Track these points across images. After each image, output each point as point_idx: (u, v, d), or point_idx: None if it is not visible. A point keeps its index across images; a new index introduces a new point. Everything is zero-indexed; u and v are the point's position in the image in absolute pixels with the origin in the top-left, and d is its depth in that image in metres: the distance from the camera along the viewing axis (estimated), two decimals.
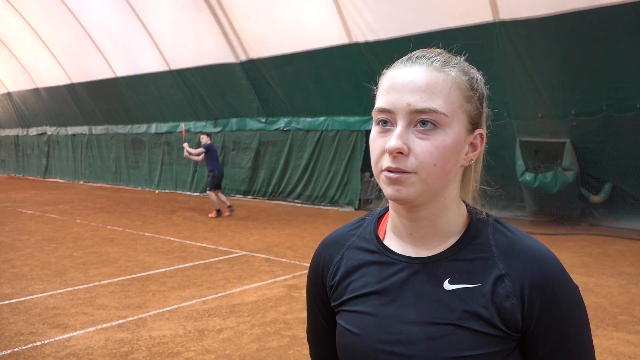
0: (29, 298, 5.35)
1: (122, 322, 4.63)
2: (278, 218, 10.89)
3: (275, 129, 13.65)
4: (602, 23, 8.04)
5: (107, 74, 17.03)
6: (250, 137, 14.22)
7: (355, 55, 11.04)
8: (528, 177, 9.17)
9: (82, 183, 19.85)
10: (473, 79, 0.89)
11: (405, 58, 0.89)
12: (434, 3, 9.44)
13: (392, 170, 0.84)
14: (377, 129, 0.88)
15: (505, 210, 10.11)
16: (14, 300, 5.26)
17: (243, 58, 13.04)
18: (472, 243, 0.89)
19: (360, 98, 11.37)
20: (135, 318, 4.73)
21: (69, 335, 4.30)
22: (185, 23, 13.37)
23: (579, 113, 8.93)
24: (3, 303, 5.17)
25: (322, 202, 12.76)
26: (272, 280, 6.01)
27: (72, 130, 20.55)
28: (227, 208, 10.90)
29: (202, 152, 10.78)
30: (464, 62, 0.91)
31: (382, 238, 0.97)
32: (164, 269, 6.54)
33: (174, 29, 13.84)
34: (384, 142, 0.85)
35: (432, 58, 0.87)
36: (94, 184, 19.20)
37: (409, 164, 0.83)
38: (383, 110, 0.86)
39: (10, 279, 6.06)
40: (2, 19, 18.72)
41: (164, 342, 4.17)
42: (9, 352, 3.96)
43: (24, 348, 4.04)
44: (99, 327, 4.50)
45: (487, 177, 0.99)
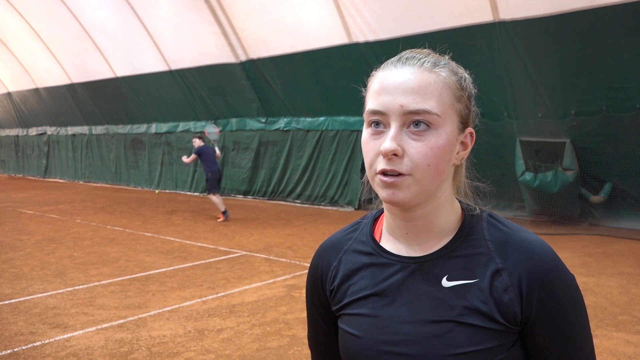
0: (29, 298, 5.35)
1: (122, 322, 4.63)
2: (278, 218, 10.89)
3: (275, 129, 13.65)
4: (602, 23, 8.04)
5: (107, 74, 17.04)
6: (250, 137, 14.22)
7: (355, 55, 11.03)
8: (528, 177, 9.16)
9: (82, 183, 19.86)
10: (462, 79, 0.89)
11: (395, 59, 0.89)
12: (434, 3, 9.44)
13: (387, 173, 0.84)
14: (369, 131, 0.87)
15: (506, 210, 10.10)
16: (14, 300, 5.26)
17: (243, 58, 13.04)
18: (467, 239, 0.90)
19: (360, 98, 11.31)
20: (135, 318, 4.73)
21: (69, 335, 4.30)
22: (185, 23, 13.37)
23: (579, 113, 8.93)
24: (3, 303, 5.17)
25: (322, 202, 12.76)
26: (272, 280, 6.01)
27: (72, 130, 20.56)
28: (221, 213, 10.52)
29: (193, 158, 10.45)
30: (452, 62, 0.92)
31: (378, 240, 0.97)
32: (164, 269, 6.54)
33: (174, 29, 13.84)
34: (378, 144, 0.85)
35: (422, 59, 0.87)
36: (94, 184, 19.21)
37: (404, 166, 0.83)
38: (375, 112, 0.86)
39: (10, 279, 6.06)
40: (2, 19, 18.72)
41: (164, 342, 4.17)
42: (9, 352, 3.96)
43: (24, 348, 4.04)
44: (99, 327, 4.50)
45: (477, 173, 0.99)
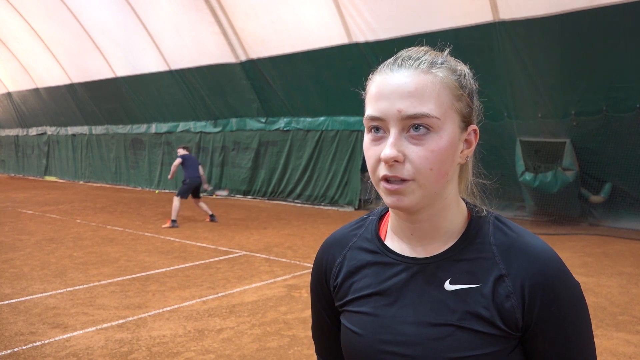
0: (29, 298, 5.35)
1: (122, 322, 4.63)
2: (278, 218, 10.89)
3: (275, 129, 13.65)
4: (602, 23, 8.04)
5: (107, 74, 17.04)
6: (250, 137, 14.22)
7: (355, 55, 11.03)
8: (528, 177, 9.16)
9: (82, 183, 19.85)
10: (461, 76, 0.87)
11: (391, 61, 0.87)
12: (434, 3, 9.44)
13: (389, 180, 0.83)
14: (369, 137, 0.86)
15: (506, 210, 10.10)
16: (14, 300, 5.25)
17: (243, 58, 13.04)
18: (472, 243, 0.89)
19: (360, 98, 11.32)
20: (135, 318, 4.73)
21: (69, 335, 4.30)
22: (185, 23, 13.37)
23: (579, 113, 8.93)
24: (3, 303, 5.17)
25: (322, 202, 12.76)
26: (272, 280, 6.01)
27: (72, 130, 20.56)
28: (208, 216, 10.37)
29: (177, 163, 10.14)
30: (451, 58, 0.89)
31: (383, 238, 0.97)
32: (164, 269, 6.54)
33: (174, 29, 13.84)
34: (379, 150, 0.84)
35: (418, 59, 0.85)
36: (94, 184, 19.20)
37: (406, 171, 0.82)
38: (374, 118, 0.85)
39: (10, 279, 6.05)
40: (2, 19, 18.73)
41: (164, 342, 4.17)
42: (9, 352, 3.96)
43: (24, 348, 4.04)
44: (99, 327, 4.50)
45: (482, 169, 0.97)
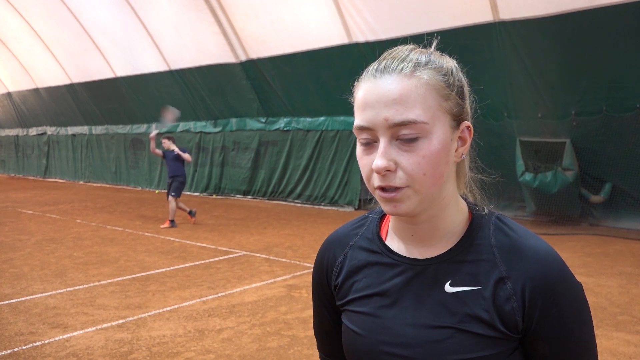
0: (29, 298, 5.35)
1: (122, 322, 4.63)
2: (278, 218, 10.89)
3: (275, 129, 13.65)
4: (602, 23, 8.03)
5: (107, 74, 17.04)
6: (250, 137, 14.22)
7: (355, 55, 11.03)
8: (528, 177, 9.16)
9: (82, 183, 19.85)
10: (447, 75, 0.84)
11: (374, 67, 0.86)
12: (434, 3, 9.44)
13: (384, 189, 0.83)
14: (361, 147, 0.86)
15: (506, 210, 10.10)
16: (14, 300, 5.25)
17: (243, 58, 13.04)
18: (473, 244, 0.88)
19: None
20: (135, 318, 4.73)
21: (69, 335, 4.30)
22: (185, 23, 13.37)
23: (579, 113, 8.93)
24: (3, 303, 5.17)
25: (322, 202, 12.76)
26: (272, 280, 6.00)
27: (72, 130, 20.55)
28: (188, 214, 10.15)
29: (159, 153, 10.06)
30: (437, 54, 0.87)
31: (384, 238, 0.96)
32: (164, 269, 6.54)
33: (174, 29, 13.84)
34: (371, 160, 0.83)
35: (402, 62, 0.83)
36: (94, 184, 19.20)
37: (399, 180, 0.81)
38: (362, 128, 0.84)
39: (10, 279, 6.05)
40: (2, 19, 18.73)
41: (164, 342, 4.17)
42: (9, 352, 3.96)
43: (24, 348, 4.04)
44: (99, 327, 4.50)
45: (480, 163, 0.95)
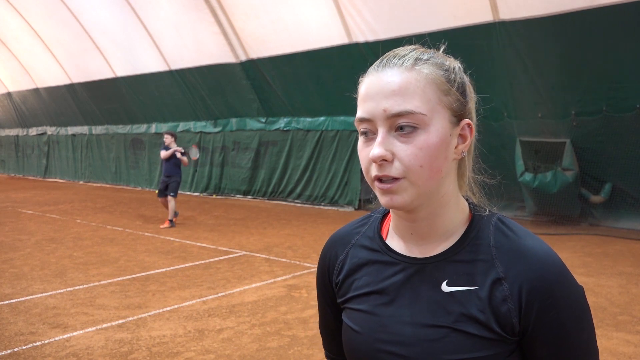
0: (29, 298, 5.35)
1: (122, 322, 4.63)
2: (278, 218, 10.89)
3: (275, 129, 13.65)
4: (602, 23, 8.03)
5: (107, 74, 17.04)
6: (250, 137, 14.22)
7: (355, 55, 11.03)
8: (528, 177, 9.17)
9: (82, 183, 19.85)
10: (449, 71, 0.86)
11: (377, 62, 0.87)
12: (434, 3, 9.44)
13: (381, 179, 0.83)
14: (361, 139, 0.87)
15: (506, 210, 10.10)
16: (14, 300, 5.25)
17: (243, 58, 13.04)
18: (472, 244, 0.88)
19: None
20: (135, 318, 4.73)
21: (69, 335, 4.30)
22: (185, 23, 13.37)
23: (579, 113, 8.93)
24: (3, 303, 5.17)
25: (322, 202, 12.76)
26: (272, 280, 6.01)
27: (72, 130, 20.56)
28: (168, 221, 9.93)
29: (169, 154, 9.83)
30: (440, 53, 0.89)
31: (385, 237, 0.97)
32: (164, 269, 6.54)
33: (174, 29, 13.84)
34: (369, 151, 0.84)
35: (403, 58, 0.85)
36: (94, 184, 19.20)
37: (395, 170, 0.82)
38: (362, 120, 0.86)
39: (10, 279, 6.05)
40: (2, 19, 18.73)
41: (164, 342, 4.17)
42: (9, 352, 3.96)
43: (24, 348, 4.04)
44: (99, 327, 4.50)
45: (482, 164, 0.96)
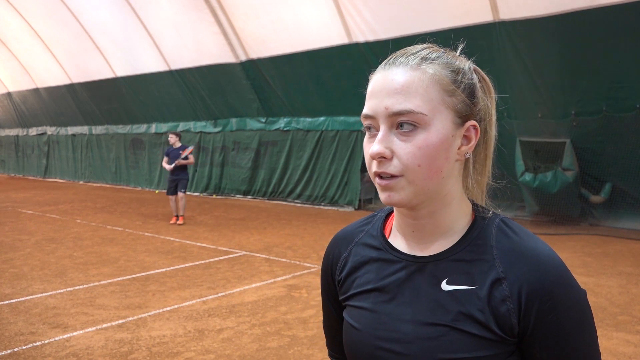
0: (29, 298, 5.35)
1: (122, 322, 4.63)
2: (278, 218, 10.89)
3: (275, 129, 13.65)
4: (602, 23, 8.04)
5: (107, 74, 17.04)
6: (250, 137, 14.22)
7: (355, 55, 11.03)
8: (528, 177, 9.17)
9: (82, 183, 19.85)
10: (456, 72, 0.85)
11: (386, 60, 0.88)
12: (434, 3, 9.44)
13: (380, 176, 0.84)
14: (366, 135, 0.88)
15: (506, 211, 10.09)
16: (14, 300, 5.25)
17: (243, 58, 13.04)
18: (473, 244, 0.88)
19: (360, 98, 11.04)
20: (135, 318, 4.73)
21: (69, 335, 4.30)
22: (185, 23, 13.37)
23: (579, 113, 8.93)
24: (3, 303, 5.17)
25: (322, 202, 12.76)
26: (272, 280, 6.01)
27: (72, 130, 20.56)
28: (175, 217, 10.33)
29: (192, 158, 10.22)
30: (451, 53, 0.88)
31: (388, 235, 0.97)
32: (164, 269, 6.54)
33: (174, 29, 13.84)
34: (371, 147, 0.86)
35: (410, 56, 0.85)
36: (94, 184, 19.20)
37: (393, 168, 0.83)
38: (366, 117, 0.86)
39: (10, 279, 6.05)
40: (2, 19, 18.73)
41: (164, 342, 4.17)
42: (9, 352, 3.96)
43: (24, 348, 4.04)
44: (99, 327, 4.50)
45: (495, 170, 0.96)
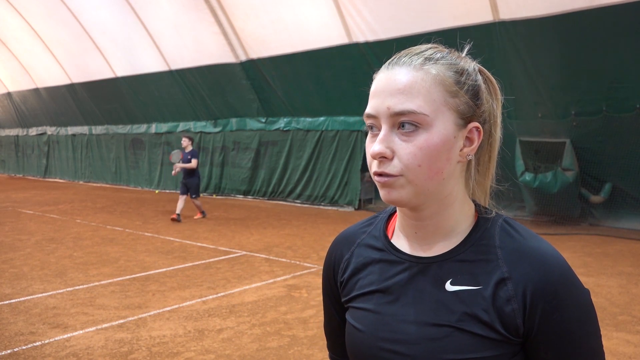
0: (29, 298, 5.35)
1: (122, 322, 4.63)
2: (278, 218, 10.89)
3: (275, 129, 13.65)
4: (602, 23, 8.04)
5: (107, 74, 17.04)
6: (250, 137, 14.22)
7: (355, 55, 11.03)
8: (528, 177, 9.17)
9: (82, 183, 19.85)
10: (459, 73, 0.85)
11: (390, 60, 0.88)
12: (434, 3, 9.45)
13: (379, 174, 0.84)
14: (369, 134, 0.88)
15: (506, 210, 10.01)
16: (14, 300, 5.25)
17: (243, 58, 13.04)
18: (476, 244, 0.88)
19: (360, 98, 11.36)
20: (135, 318, 4.73)
21: (69, 335, 4.30)
22: (185, 23, 13.37)
23: (579, 113, 8.93)
24: (3, 303, 5.17)
25: (322, 202, 12.76)
26: (272, 280, 6.01)
27: (72, 130, 20.56)
28: (176, 214, 10.40)
29: (197, 162, 10.34)
30: (457, 54, 0.88)
31: (390, 236, 0.97)
32: (164, 269, 6.54)
33: (174, 29, 13.84)
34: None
35: (413, 56, 0.85)
36: (94, 184, 19.20)
37: (394, 167, 0.82)
38: (369, 116, 0.86)
39: (10, 279, 6.05)
40: (2, 19, 18.73)
41: (164, 342, 4.17)
42: (9, 352, 3.96)
43: (24, 348, 4.04)
44: (99, 327, 4.50)
45: (498, 171, 0.96)
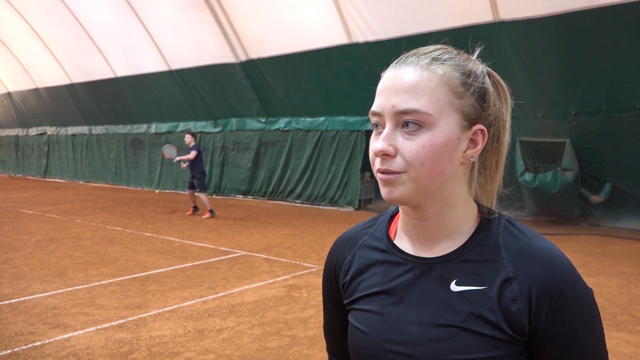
0: (29, 298, 5.35)
1: (122, 322, 4.63)
2: (278, 218, 10.89)
3: (275, 129, 13.65)
4: (602, 23, 8.04)
5: (107, 74, 17.04)
6: (250, 137, 14.22)
7: (355, 55, 11.03)
8: (528, 177, 9.17)
9: (82, 183, 19.85)
10: (466, 75, 0.85)
11: (398, 59, 0.88)
12: (434, 3, 9.44)
13: (382, 172, 0.85)
14: (373, 132, 0.89)
15: (505, 210, 10.06)
16: (14, 300, 5.26)
17: (243, 58, 13.04)
18: (480, 244, 0.88)
19: (360, 98, 11.38)
20: (135, 318, 4.73)
21: (69, 335, 4.30)
22: (185, 23, 13.37)
23: (579, 113, 8.93)
24: (3, 303, 5.17)
25: (322, 202, 12.76)
26: (272, 280, 6.01)
27: (72, 130, 20.55)
28: (192, 208, 11.31)
29: (195, 154, 10.73)
30: (465, 55, 0.89)
31: (393, 237, 0.97)
32: (164, 269, 6.54)
33: (174, 29, 13.84)
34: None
35: (421, 56, 0.85)
36: (94, 184, 19.20)
37: (396, 165, 0.83)
38: (374, 113, 0.87)
39: (10, 279, 6.05)
40: (2, 19, 18.72)
41: (164, 342, 4.18)
42: (9, 352, 3.96)
43: (24, 348, 4.04)
44: (99, 327, 4.50)
45: (506, 175, 0.96)
